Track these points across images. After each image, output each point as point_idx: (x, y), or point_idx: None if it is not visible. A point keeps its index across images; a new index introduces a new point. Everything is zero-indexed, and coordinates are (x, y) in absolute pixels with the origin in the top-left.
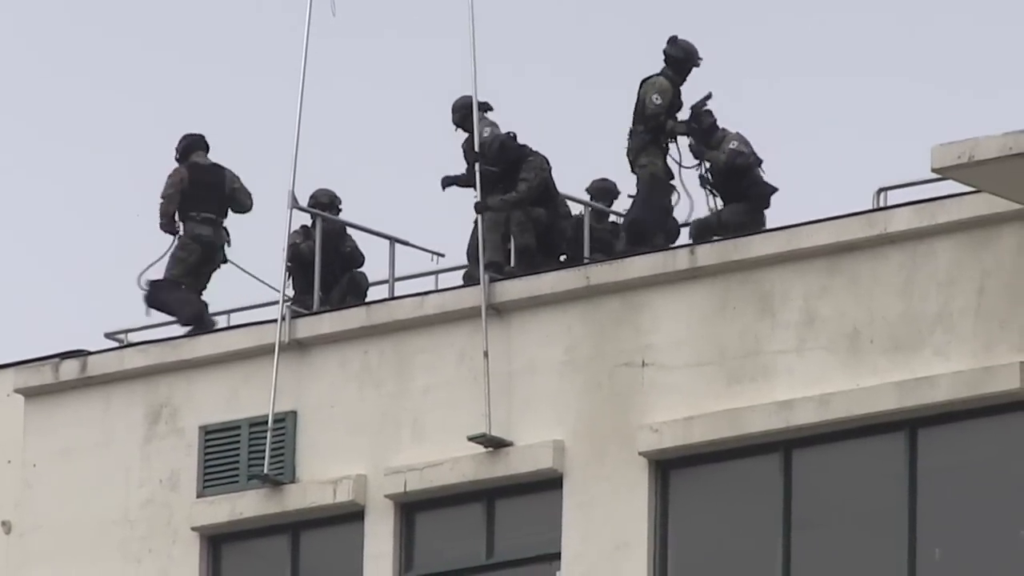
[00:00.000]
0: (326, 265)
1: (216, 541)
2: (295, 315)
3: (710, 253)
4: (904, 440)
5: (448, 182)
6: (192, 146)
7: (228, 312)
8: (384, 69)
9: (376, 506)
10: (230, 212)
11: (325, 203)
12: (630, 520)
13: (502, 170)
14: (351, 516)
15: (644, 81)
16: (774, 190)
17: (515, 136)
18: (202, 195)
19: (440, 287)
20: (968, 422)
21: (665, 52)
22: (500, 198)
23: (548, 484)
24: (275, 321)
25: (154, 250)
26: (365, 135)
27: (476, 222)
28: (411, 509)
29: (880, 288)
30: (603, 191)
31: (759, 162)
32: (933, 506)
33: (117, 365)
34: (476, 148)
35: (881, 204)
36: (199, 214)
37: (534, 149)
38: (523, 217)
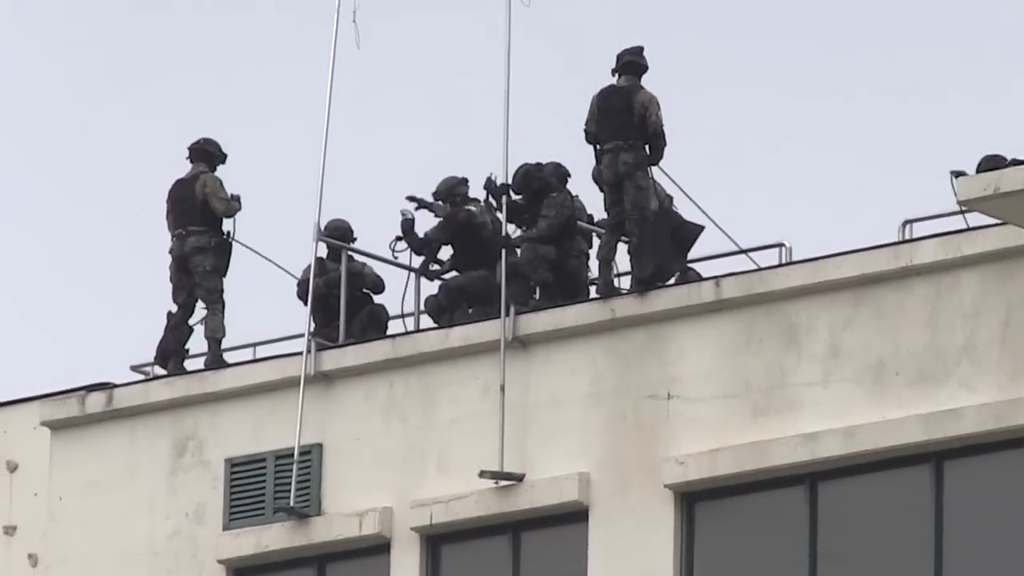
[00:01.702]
0: (342, 298)
1: (242, 574)
2: (320, 348)
3: (735, 285)
4: (930, 472)
5: (418, 204)
6: (191, 157)
7: (254, 345)
8: (408, 99)
9: (402, 538)
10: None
11: (338, 235)
12: (655, 552)
13: (526, 200)
14: (377, 548)
15: (625, 89)
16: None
17: (541, 167)
18: (175, 211)
19: (465, 320)
20: (994, 454)
21: (639, 63)
22: (521, 235)
23: (573, 516)
24: (300, 354)
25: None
26: (387, 166)
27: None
28: (437, 541)
29: (906, 320)
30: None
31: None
32: (959, 539)
33: (143, 398)
34: (505, 179)
35: (907, 236)
36: (173, 232)
37: (559, 184)
38: (531, 255)
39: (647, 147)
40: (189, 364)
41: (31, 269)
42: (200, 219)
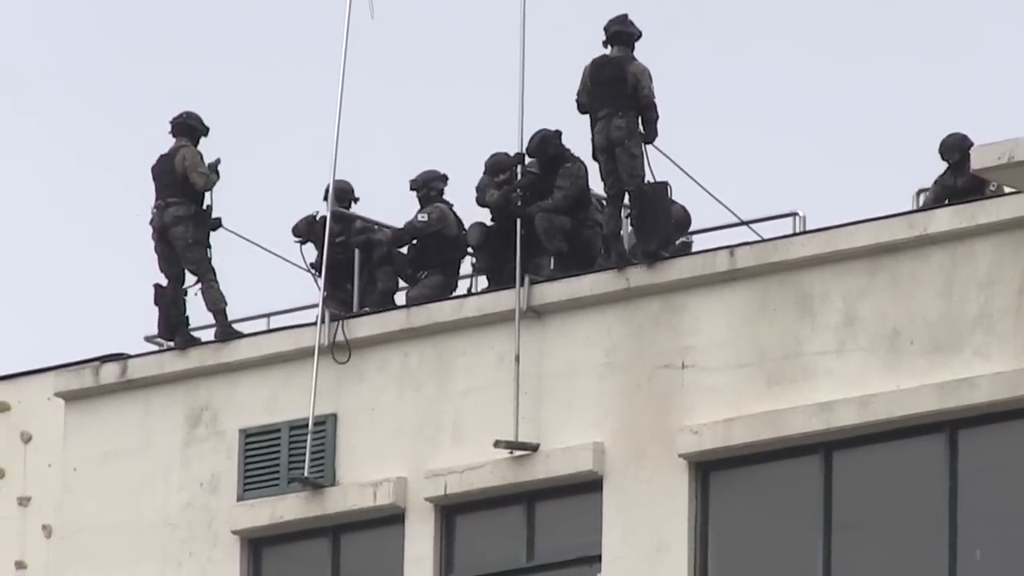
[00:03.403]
0: (346, 262)
1: (257, 544)
2: (335, 318)
3: (749, 255)
4: (944, 441)
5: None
6: (173, 132)
7: (268, 315)
8: (422, 69)
9: (416, 509)
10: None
11: (339, 196)
12: (670, 522)
13: (540, 165)
14: (391, 519)
15: (617, 60)
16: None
17: (560, 134)
18: (156, 184)
19: (479, 290)
20: (1009, 423)
21: (628, 31)
22: (536, 204)
23: (588, 486)
24: (315, 324)
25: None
26: (403, 137)
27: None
28: (451, 512)
29: (920, 289)
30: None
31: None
32: (973, 507)
33: (157, 368)
34: (520, 147)
35: (921, 205)
36: (154, 203)
37: (574, 154)
38: (547, 224)
39: (640, 119)
40: (203, 335)
41: (45, 239)
42: (180, 191)
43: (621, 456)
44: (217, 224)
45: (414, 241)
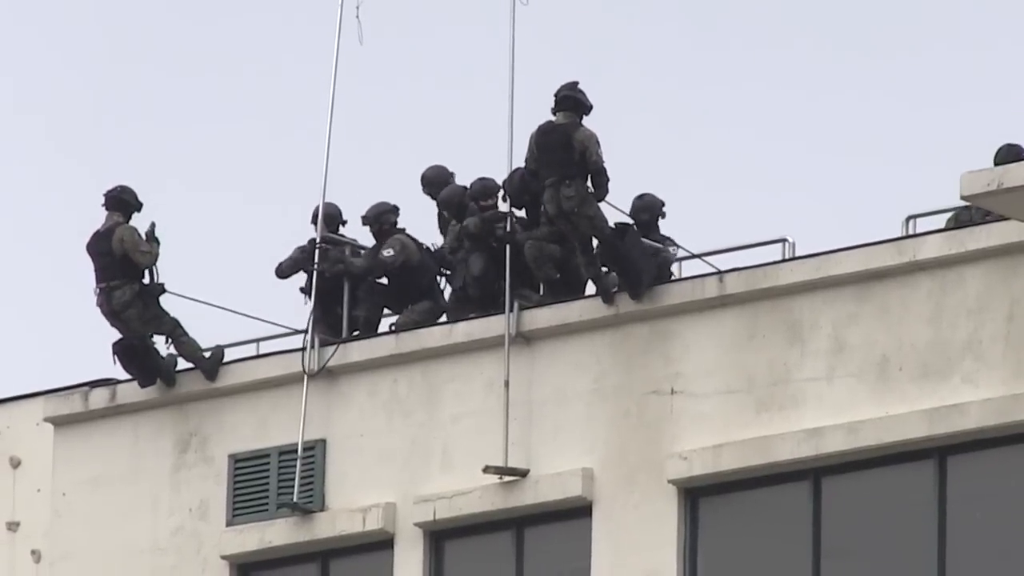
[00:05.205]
0: (334, 291)
1: (245, 570)
2: (324, 344)
3: (739, 281)
4: (934, 467)
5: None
6: (107, 205)
7: (257, 340)
8: (410, 95)
9: (405, 534)
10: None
11: (327, 220)
12: (660, 548)
13: (523, 205)
14: (380, 544)
15: (563, 127)
16: None
17: (535, 172)
18: (95, 265)
19: (469, 316)
20: (998, 449)
21: (576, 98)
22: (526, 233)
23: (577, 512)
24: (304, 350)
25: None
26: (390, 161)
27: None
28: (440, 537)
29: (909, 315)
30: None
31: None
32: (963, 534)
33: (146, 394)
34: (505, 179)
35: (910, 231)
36: (96, 285)
37: None
38: (536, 252)
39: (590, 182)
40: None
41: (35, 265)
42: (120, 271)
43: (610, 482)
44: (161, 291)
45: (385, 279)
